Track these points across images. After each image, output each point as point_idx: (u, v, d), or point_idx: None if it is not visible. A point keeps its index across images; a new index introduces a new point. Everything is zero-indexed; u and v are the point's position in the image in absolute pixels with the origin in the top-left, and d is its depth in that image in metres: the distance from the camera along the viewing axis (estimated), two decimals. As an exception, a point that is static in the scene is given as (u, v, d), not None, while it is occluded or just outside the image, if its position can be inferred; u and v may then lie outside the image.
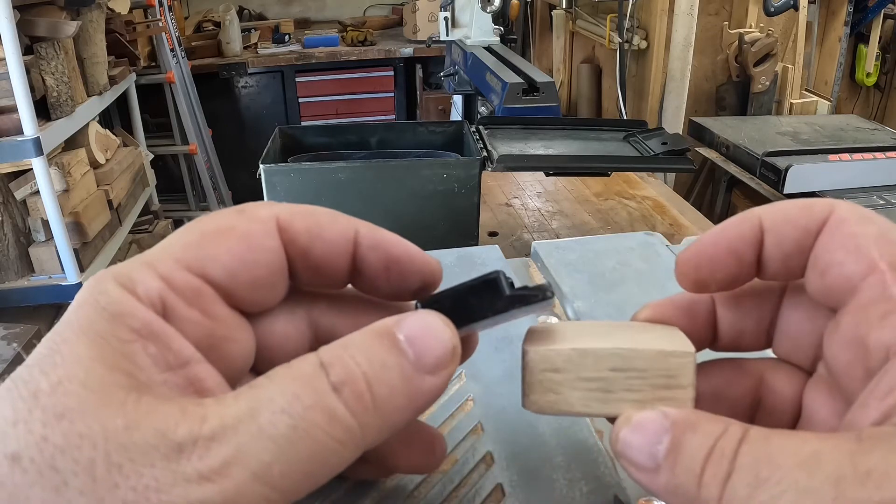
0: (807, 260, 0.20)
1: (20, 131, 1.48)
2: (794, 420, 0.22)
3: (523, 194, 1.16)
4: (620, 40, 1.82)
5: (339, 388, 0.17)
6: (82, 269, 1.68)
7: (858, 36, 1.98)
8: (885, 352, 0.17)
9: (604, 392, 0.20)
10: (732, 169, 1.42)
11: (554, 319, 0.39)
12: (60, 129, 1.64)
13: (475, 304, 0.20)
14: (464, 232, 0.87)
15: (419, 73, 3.24)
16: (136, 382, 0.16)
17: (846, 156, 1.26)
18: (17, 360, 1.25)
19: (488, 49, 1.77)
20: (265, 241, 0.20)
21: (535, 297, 0.19)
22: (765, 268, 0.21)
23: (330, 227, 0.21)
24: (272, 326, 0.22)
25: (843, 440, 0.16)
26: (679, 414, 0.18)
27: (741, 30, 1.82)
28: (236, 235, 0.20)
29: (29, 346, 1.29)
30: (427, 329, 0.18)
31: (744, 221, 0.21)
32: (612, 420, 0.20)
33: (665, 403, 0.19)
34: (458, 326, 0.19)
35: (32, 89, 1.50)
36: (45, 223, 1.60)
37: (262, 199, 0.83)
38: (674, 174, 1.64)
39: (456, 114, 2.14)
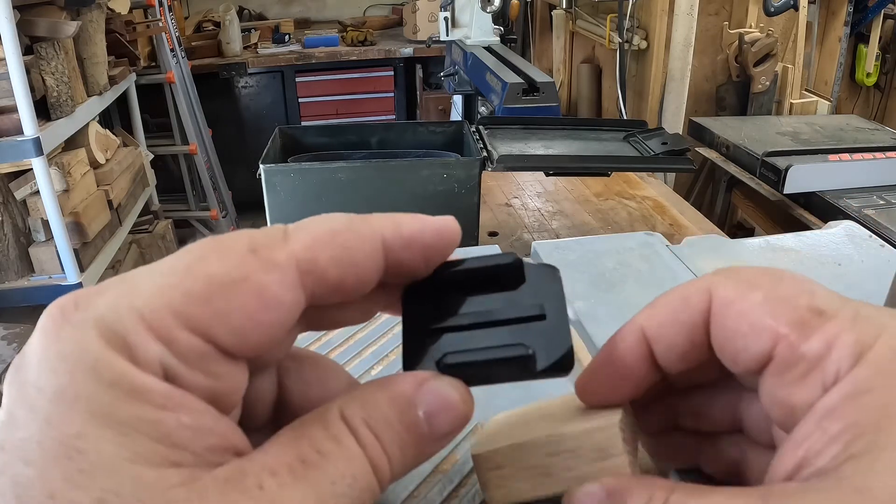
0: (705, 348, 0.20)
1: (20, 131, 1.48)
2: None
3: (523, 194, 1.16)
4: (620, 40, 1.82)
5: (374, 467, 0.18)
6: (82, 269, 1.68)
7: (858, 36, 1.98)
8: (808, 408, 0.18)
9: (546, 476, 0.21)
10: (732, 169, 1.42)
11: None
12: (60, 129, 1.65)
13: (499, 372, 0.20)
14: (464, 232, 0.86)
15: (419, 73, 3.24)
16: (188, 473, 0.15)
17: (846, 156, 1.26)
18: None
19: (488, 49, 1.77)
20: (282, 296, 0.17)
21: (560, 373, 0.20)
22: (666, 369, 0.21)
23: (358, 248, 0.19)
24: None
25: (751, 499, 0.16)
26: (612, 484, 0.19)
27: (741, 30, 1.82)
28: (249, 290, 0.17)
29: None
30: (446, 406, 0.19)
31: (626, 339, 0.21)
32: None
33: (605, 473, 0.20)
34: (474, 384, 0.20)
35: (32, 89, 1.50)
36: (45, 223, 1.60)
37: (262, 199, 0.83)
38: (674, 174, 1.64)
39: (456, 114, 2.14)
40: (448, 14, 1.89)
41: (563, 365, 0.19)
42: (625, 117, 1.81)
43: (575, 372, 0.21)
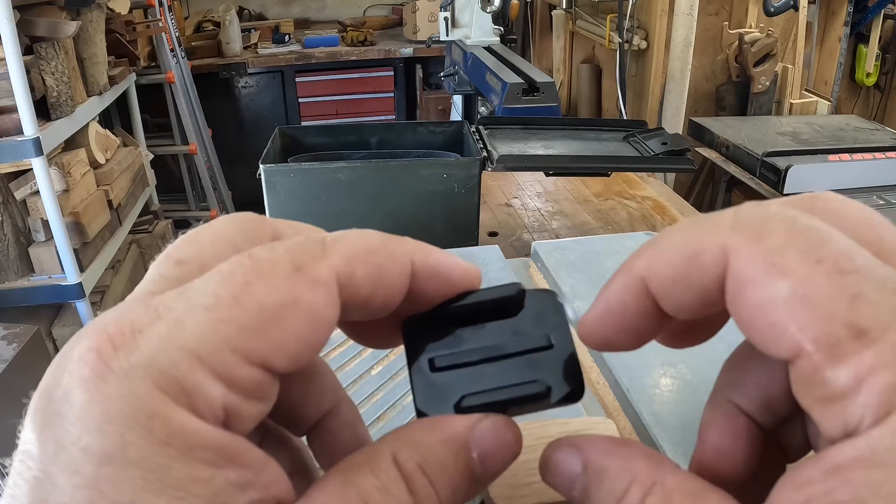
0: (719, 302, 0.18)
1: (20, 131, 1.48)
2: None
3: (523, 194, 1.16)
4: (620, 40, 1.82)
5: None
6: (82, 269, 1.68)
7: (858, 36, 1.99)
8: (825, 440, 0.16)
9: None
10: (732, 169, 1.42)
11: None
12: (60, 129, 1.64)
13: (515, 408, 0.20)
14: (464, 232, 0.87)
15: (419, 73, 3.24)
16: None
17: (846, 156, 1.26)
18: (17, 360, 1.25)
19: (488, 49, 1.77)
20: (330, 315, 0.17)
21: (573, 401, 0.20)
22: (677, 315, 0.19)
23: (390, 268, 0.18)
24: None
25: None
26: (590, 457, 0.18)
27: (741, 30, 1.82)
28: (302, 314, 0.16)
29: (29, 347, 1.29)
30: (502, 447, 0.19)
31: (625, 290, 0.19)
32: None
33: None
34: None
35: (32, 89, 1.50)
36: (45, 223, 1.60)
37: (262, 199, 0.83)
38: (674, 174, 1.64)
39: (456, 114, 2.14)
40: (448, 14, 1.89)
41: (576, 394, 0.20)
42: (625, 117, 1.82)
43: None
